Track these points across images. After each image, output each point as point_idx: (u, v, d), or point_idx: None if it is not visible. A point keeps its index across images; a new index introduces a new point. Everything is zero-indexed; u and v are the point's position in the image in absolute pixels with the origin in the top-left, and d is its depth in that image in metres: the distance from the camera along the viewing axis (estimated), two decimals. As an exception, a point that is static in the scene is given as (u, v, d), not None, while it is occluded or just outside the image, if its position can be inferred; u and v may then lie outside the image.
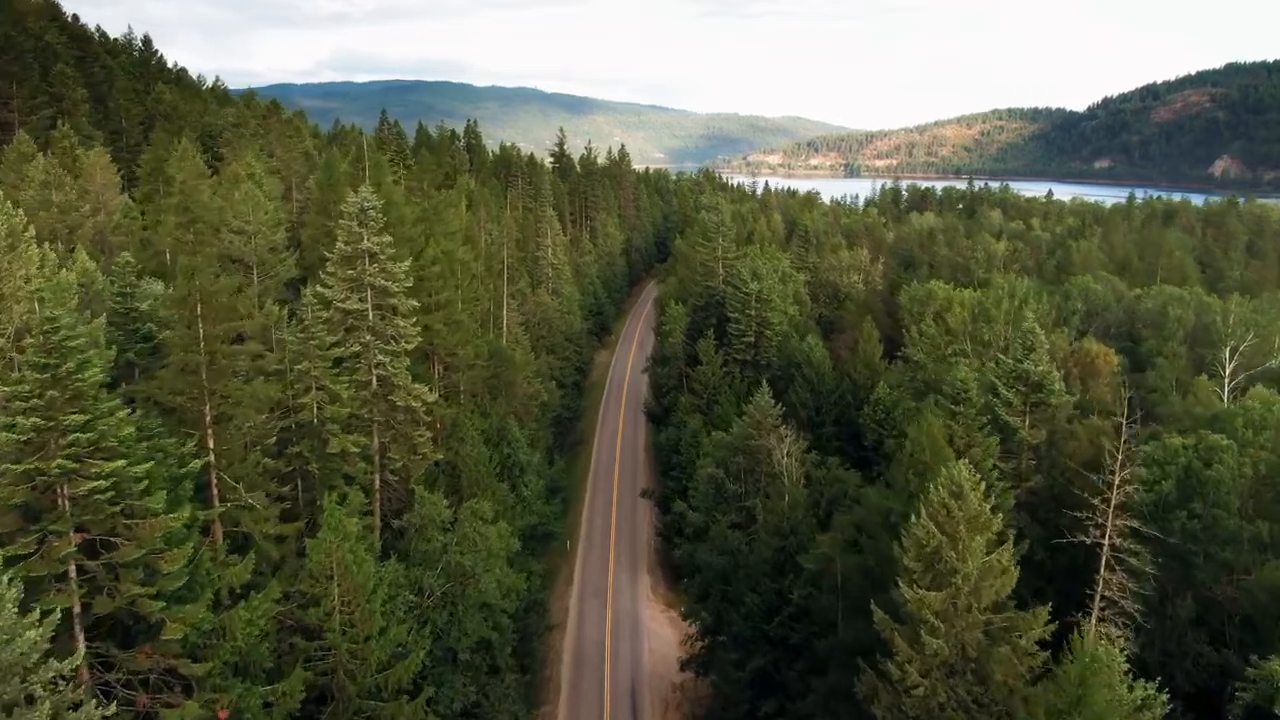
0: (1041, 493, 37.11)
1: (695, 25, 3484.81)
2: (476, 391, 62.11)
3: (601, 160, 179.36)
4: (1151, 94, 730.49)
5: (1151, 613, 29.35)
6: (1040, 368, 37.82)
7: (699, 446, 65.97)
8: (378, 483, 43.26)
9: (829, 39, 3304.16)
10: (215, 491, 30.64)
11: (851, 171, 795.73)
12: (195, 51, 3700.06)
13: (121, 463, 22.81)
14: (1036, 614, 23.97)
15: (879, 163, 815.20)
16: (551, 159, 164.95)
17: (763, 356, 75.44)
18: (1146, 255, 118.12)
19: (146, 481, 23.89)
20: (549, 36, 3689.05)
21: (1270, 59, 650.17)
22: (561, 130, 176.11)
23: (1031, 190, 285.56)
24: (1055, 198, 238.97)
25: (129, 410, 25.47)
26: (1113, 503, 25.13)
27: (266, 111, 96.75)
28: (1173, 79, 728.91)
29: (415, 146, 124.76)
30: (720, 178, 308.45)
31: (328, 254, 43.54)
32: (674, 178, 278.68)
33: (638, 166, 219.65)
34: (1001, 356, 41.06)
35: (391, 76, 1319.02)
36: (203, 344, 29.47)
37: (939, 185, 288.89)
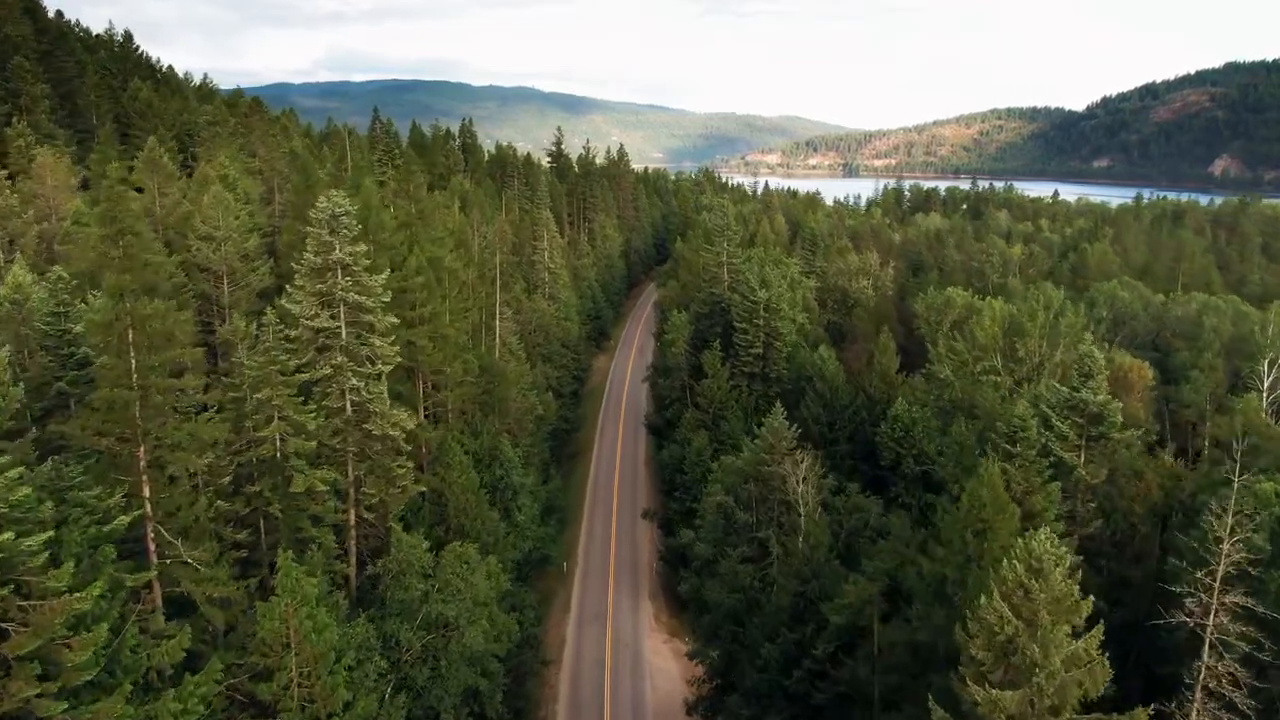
0: (1101, 539, 32.84)
1: (694, 25, 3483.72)
2: (466, 410, 57.95)
3: (600, 160, 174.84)
4: (1151, 93, 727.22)
5: (1237, 686, 25.09)
6: (1100, 396, 33.46)
7: (705, 467, 61.85)
8: (352, 520, 38.95)
9: (827, 38, 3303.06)
10: (151, 548, 26.30)
11: (850, 171, 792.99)
12: (195, 52, 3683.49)
13: (9, 535, 18.51)
14: (1134, 717, 19.75)
15: (878, 162, 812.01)
16: (549, 159, 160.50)
17: (772, 369, 71.13)
18: (1163, 258, 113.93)
19: (46, 554, 19.60)
20: (547, 36, 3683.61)
21: (1270, 58, 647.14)
22: (559, 130, 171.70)
23: (1033, 190, 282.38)
24: (1061, 198, 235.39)
25: (32, 463, 21.18)
26: (1219, 575, 20.87)
27: (248, 109, 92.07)
28: (1172, 78, 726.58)
29: (408, 146, 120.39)
30: (719, 177, 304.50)
31: (298, 264, 39.24)
32: (673, 178, 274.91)
33: (636, 166, 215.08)
34: (1056, 385, 36.58)
35: (389, 76, 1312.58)
36: (135, 376, 25.17)
37: (940, 185, 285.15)
